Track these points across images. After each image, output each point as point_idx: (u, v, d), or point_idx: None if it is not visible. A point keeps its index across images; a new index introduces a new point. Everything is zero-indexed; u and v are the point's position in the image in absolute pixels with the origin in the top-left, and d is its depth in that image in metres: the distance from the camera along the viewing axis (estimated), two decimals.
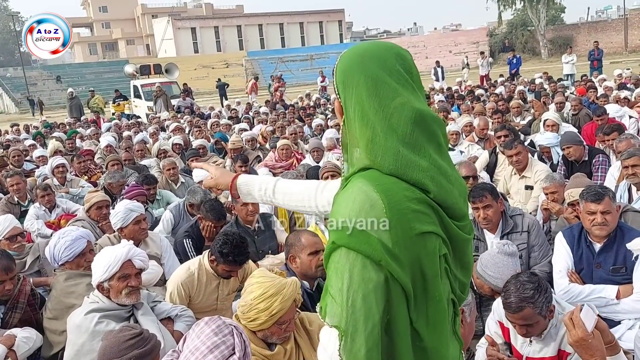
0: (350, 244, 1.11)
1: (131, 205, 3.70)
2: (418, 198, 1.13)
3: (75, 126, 14.04)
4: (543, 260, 3.36)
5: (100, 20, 60.02)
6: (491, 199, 3.37)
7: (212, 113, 14.93)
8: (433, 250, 1.15)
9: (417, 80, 1.23)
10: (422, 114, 1.16)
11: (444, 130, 1.23)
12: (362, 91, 1.18)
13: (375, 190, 1.12)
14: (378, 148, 1.15)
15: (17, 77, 36.37)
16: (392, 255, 1.10)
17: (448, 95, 13.41)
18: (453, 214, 1.19)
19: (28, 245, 4.04)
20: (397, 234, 1.10)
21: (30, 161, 8.24)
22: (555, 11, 43.85)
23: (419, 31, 75.98)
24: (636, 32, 36.35)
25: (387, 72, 1.18)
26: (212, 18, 52.77)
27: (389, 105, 1.15)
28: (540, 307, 2.21)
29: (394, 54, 1.22)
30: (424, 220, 1.13)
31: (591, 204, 2.88)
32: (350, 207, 1.13)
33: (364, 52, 1.22)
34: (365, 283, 1.10)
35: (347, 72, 1.21)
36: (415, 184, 1.14)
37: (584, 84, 12.09)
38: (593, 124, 6.81)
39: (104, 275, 2.53)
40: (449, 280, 1.23)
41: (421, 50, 42.34)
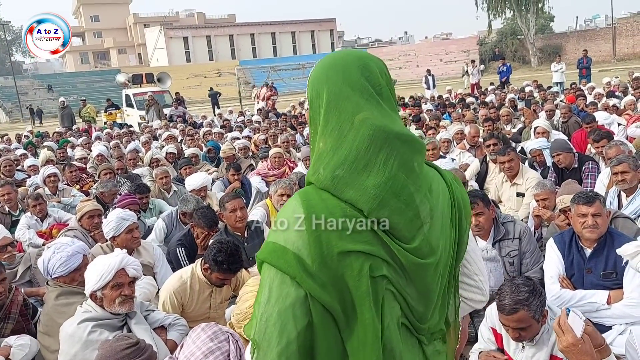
0: (267, 259, 1.10)
1: (123, 214, 3.69)
2: (348, 215, 1.09)
3: (67, 135, 13.98)
4: (535, 267, 3.38)
5: (92, 30, 59.91)
6: (483, 206, 3.40)
7: (204, 122, 14.93)
8: (359, 271, 1.08)
9: (387, 94, 1.17)
10: (384, 130, 1.11)
11: (417, 147, 1.16)
12: (324, 105, 1.15)
13: (301, 206, 1.10)
14: (321, 163, 1.13)
15: (8, 86, 36.22)
16: (310, 274, 1.07)
17: (439, 104, 13.49)
18: (399, 235, 1.12)
19: (19, 255, 4.01)
20: (316, 251, 1.07)
21: (21, 170, 8.19)
22: (544, 20, 44.41)
23: (410, 40, 76.57)
24: (624, 40, 36.85)
25: (350, 86, 1.14)
26: (204, 27, 52.86)
27: (348, 120, 1.12)
28: (534, 310, 2.23)
29: (360, 66, 1.16)
30: (349, 239, 1.08)
31: (582, 207, 2.91)
32: (277, 223, 1.13)
33: (329, 64, 1.18)
34: (282, 299, 1.08)
35: (314, 84, 1.19)
36: (349, 202, 1.09)
37: (574, 92, 12.22)
38: (582, 132, 6.88)
39: (97, 284, 2.52)
40: (399, 304, 1.16)
41: (412, 59, 42.70)
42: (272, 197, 4.81)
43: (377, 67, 1.18)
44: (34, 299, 3.71)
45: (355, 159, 1.10)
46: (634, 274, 2.71)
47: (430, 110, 11.78)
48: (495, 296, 2.33)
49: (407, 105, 13.93)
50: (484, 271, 1.38)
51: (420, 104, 13.71)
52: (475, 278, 1.36)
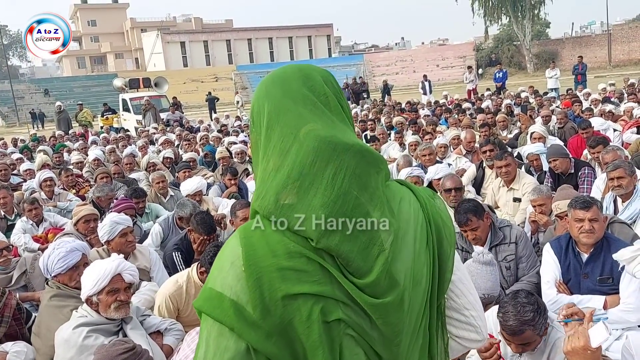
0: (203, 308, 0.97)
1: (117, 218, 3.69)
2: (291, 251, 0.95)
3: (63, 140, 13.96)
4: (531, 271, 3.38)
5: (89, 34, 59.96)
6: (476, 220, 3.34)
7: (201, 126, 14.94)
8: (309, 316, 0.94)
9: (335, 104, 1.05)
10: (332, 141, 0.98)
11: (372, 160, 1.02)
12: (265, 122, 1.03)
13: (239, 244, 0.98)
14: (263, 187, 1.00)
15: (4, 90, 36.18)
16: (251, 323, 0.93)
17: (435, 109, 13.54)
18: (352, 267, 0.96)
19: (14, 260, 3.99)
20: (257, 297, 0.93)
21: (17, 175, 8.17)
22: (540, 26, 44.71)
23: (406, 45, 76.95)
24: (619, 47, 37.09)
25: (290, 98, 1.03)
26: (202, 32, 52.98)
27: (291, 134, 0.99)
28: (539, 328, 2.22)
29: (300, 77, 1.05)
30: (294, 279, 0.94)
31: (579, 212, 2.92)
32: (214, 265, 1.00)
33: (269, 79, 1.08)
34: (220, 354, 0.94)
35: (254, 103, 1.08)
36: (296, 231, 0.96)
37: (569, 98, 12.29)
38: (578, 137, 6.92)
39: (93, 289, 2.51)
40: (363, 349, 1.00)
41: (409, 65, 42.85)
42: None
43: (321, 76, 1.08)
44: (28, 303, 3.69)
45: (299, 175, 0.96)
46: (630, 279, 2.71)
47: (427, 116, 11.82)
48: (498, 314, 2.31)
49: (404, 110, 13.98)
50: (479, 305, 1.18)
51: (417, 109, 13.76)
52: (465, 313, 1.16)
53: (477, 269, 2.68)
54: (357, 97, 21.94)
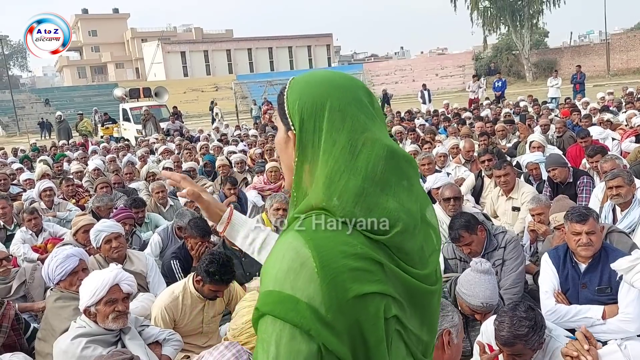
0: (275, 312, 0.96)
1: (101, 225, 3.79)
2: (358, 254, 0.98)
3: (64, 149, 13.98)
4: (510, 274, 3.35)
5: (89, 44, 60.23)
6: (468, 235, 3.33)
7: (201, 136, 14.97)
8: (376, 314, 0.99)
9: (381, 117, 1.13)
10: (394, 151, 1.06)
11: (416, 170, 1.13)
12: (326, 124, 1.05)
13: (306, 246, 0.97)
14: (336, 188, 1.01)
15: (5, 100, 36.25)
16: (325, 324, 0.95)
17: (433, 118, 13.57)
18: (412, 261, 1.05)
19: (14, 270, 3.99)
20: (330, 297, 0.95)
21: (17, 185, 8.18)
22: (539, 35, 44.88)
23: (405, 55, 77.30)
24: (618, 56, 37.23)
25: (356, 105, 1.07)
26: (202, 42, 53.21)
27: (358, 140, 1.03)
28: (532, 343, 2.22)
29: (361, 87, 1.11)
30: (364, 280, 0.98)
31: (576, 225, 2.92)
32: (277, 267, 0.99)
33: (328, 80, 1.09)
34: (294, 356, 0.95)
35: (310, 101, 1.07)
36: (372, 229, 1.00)
37: (568, 107, 12.32)
38: (577, 146, 6.94)
39: (91, 300, 2.51)
40: (405, 344, 1.07)
41: (408, 74, 42.99)
42: (268, 211, 4.81)
43: (369, 90, 1.15)
44: (27, 314, 3.69)
45: (372, 180, 1.02)
46: (628, 288, 2.71)
47: (422, 125, 11.85)
48: (495, 321, 2.32)
49: (403, 119, 14.01)
50: None
51: (415, 118, 13.80)
52: None
53: (475, 278, 2.68)
54: None
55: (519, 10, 37.38)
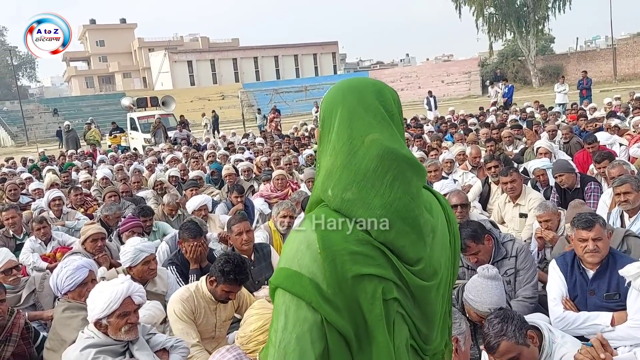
0: (283, 285, 1.10)
1: (141, 245, 3.56)
2: (360, 239, 1.10)
3: (72, 159, 14.08)
4: (526, 285, 3.34)
5: (97, 54, 60.76)
6: (475, 245, 3.32)
7: (208, 144, 15.04)
8: (373, 294, 1.10)
9: (397, 121, 1.21)
10: (393, 152, 1.14)
11: (421, 173, 1.19)
12: (337, 122, 1.17)
13: (314, 230, 1.11)
14: (331, 181, 1.14)
15: (14, 110, 36.59)
16: (325, 299, 1.08)
17: (440, 124, 13.56)
18: (404, 258, 1.14)
19: (23, 279, 4.03)
20: (331, 275, 1.08)
21: (26, 194, 8.25)
22: (544, 41, 44.82)
23: (411, 62, 77.35)
24: (624, 61, 37.08)
25: (363, 107, 1.17)
26: (208, 51, 53.51)
27: (359, 138, 1.14)
28: (513, 335, 2.21)
29: (375, 91, 1.20)
30: (363, 262, 1.09)
31: (582, 231, 2.91)
32: (289, 247, 1.14)
33: (346, 86, 1.22)
34: (300, 324, 1.08)
35: (329, 102, 1.21)
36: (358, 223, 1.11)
37: (575, 112, 12.28)
38: (584, 152, 6.91)
39: (103, 312, 2.50)
40: (407, 326, 1.18)
41: (414, 81, 43.01)
42: (274, 219, 4.82)
43: (390, 94, 1.23)
44: (37, 322, 3.71)
45: (363, 177, 1.12)
46: (637, 295, 2.70)
47: (431, 132, 11.84)
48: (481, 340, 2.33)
49: (409, 126, 14.01)
50: None
51: (422, 124, 13.80)
52: None
53: (483, 284, 2.68)
54: None
55: (525, 17, 37.38)
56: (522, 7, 37.48)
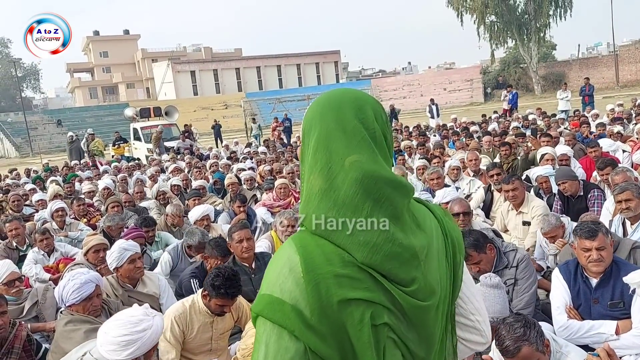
0: (263, 313, 1.05)
1: (125, 244, 3.74)
2: (345, 261, 1.04)
3: (75, 169, 14.13)
4: (523, 295, 3.32)
5: (101, 65, 61.14)
6: (477, 254, 3.30)
7: (210, 154, 15.08)
8: (361, 320, 1.03)
9: (380, 140, 1.12)
10: (374, 175, 1.07)
11: (406, 192, 1.12)
12: (314, 143, 1.11)
13: (297, 252, 1.06)
14: (310, 206, 1.09)
15: (18, 121, 36.79)
16: (309, 326, 1.02)
17: (442, 132, 13.56)
18: (396, 279, 1.07)
19: (26, 291, 4.03)
20: (315, 301, 1.01)
21: (29, 205, 8.27)
22: (546, 49, 44.87)
23: (413, 70, 77.47)
24: (627, 67, 37.09)
25: (342, 127, 1.09)
26: (211, 61, 53.77)
27: (338, 162, 1.07)
28: (535, 342, 2.21)
29: (355, 108, 1.12)
30: (349, 286, 1.03)
31: (585, 241, 2.88)
32: (271, 271, 1.08)
33: (324, 102, 1.15)
34: (281, 354, 1.02)
35: (307, 121, 1.15)
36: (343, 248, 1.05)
37: (577, 119, 12.27)
38: (587, 159, 6.89)
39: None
40: (400, 351, 1.10)
41: (416, 89, 43.08)
42: (277, 228, 4.82)
43: (373, 110, 1.14)
44: (39, 334, 3.71)
45: (343, 204, 1.06)
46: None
47: (438, 141, 11.83)
48: (495, 342, 2.31)
49: (412, 134, 14.02)
50: (483, 310, 1.31)
51: (425, 133, 13.80)
52: (471, 317, 1.28)
53: (485, 293, 2.67)
54: None
55: (526, 24, 37.48)
56: (523, 14, 37.59)
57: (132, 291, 3.70)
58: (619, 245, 3.29)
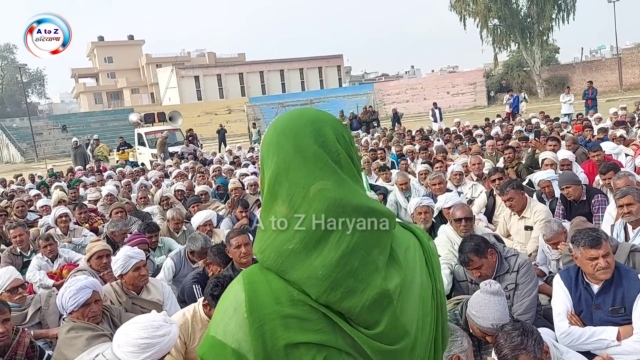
0: (205, 356, 0.98)
1: (130, 252, 3.73)
2: (296, 300, 0.95)
3: (79, 175, 14.17)
4: (523, 300, 3.31)
5: (105, 71, 61.48)
6: (478, 259, 3.31)
7: (214, 159, 15.11)
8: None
9: (345, 162, 1.03)
10: (342, 204, 0.97)
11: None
12: (274, 174, 1.01)
13: (243, 290, 0.97)
14: (267, 240, 0.99)
15: (23, 127, 37.01)
16: None
17: (445, 136, 13.55)
18: (358, 320, 0.96)
19: (29, 297, 4.04)
20: (259, 345, 0.93)
21: (34, 211, 8.31)
22: (549, 52, 44.83)
23: (416, 74, 77.48)
24: (630, 70, 37.02)
25: (301, 154, 1.00)
26: (215, 66, 53.97)
27: (300, 192, 0.98)
28: (533, 350, 2.20)
29: (312, 132, 1.02)
30: (297, 328, 0.93)
31: (591, 250, 2.86)
32: (218, 309, 1.01)
33: (280, 128, 1.04)
34: None
35: (265, 149, 1.05)
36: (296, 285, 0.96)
37: (580, 122, 12.25)
38: (590, 163, 6.87)
39: None
40: None
41: (419, 92, 43.10)
42: None
43: (333, 131, 1.04)
44: (42, 341, 3.72)
45: (305, 235, 0.96)
46: None
47: (440, 146, 11.83)
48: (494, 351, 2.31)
49: (414, 138, 14.03)
50: None
51: (428, 137, 13.79)
52: None
53: (485, 300, 2.67)
54: (368, 126, 22.11)
55: (529, 28, 37.46)
56: (525, 18, 37.59)
57: (136, 298, 3.70)
58: (617, 249, 3.29)
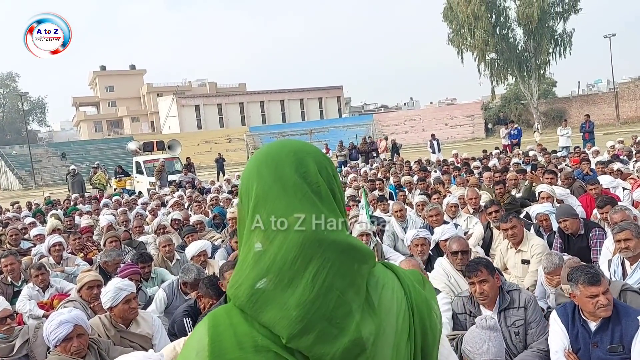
0: None
1: (121, 284, 3.67)
2: (259, 346, 0.90)
3: (76, 202, 14.13)
4: (540, 337, 3.29)
5: (106, 99, 62.06)
6: (487, 274, 3.34)
7: (212, 187, 15.09)
8: None
9: (326, 194, 0.99)
10: (318, 238, 0.94)
11: (359, 257, 0.98)
12: (252, 204, 0.98)
13: (207, 333, 0.93)
14: (241, 276, 0.96)
15: (23, 154, 37.15)
16: None
17: (443, 167, 13.58)
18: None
19: (17, 328, 3.97)
20: None
21: (27, 239, 8.24)
22: (547, 85, 45.37)
23: (415, 105, 78.16)
24: (627, 104, 37.43)
25: (281, 184, 0.97)
26: (216, 96, 54.51)
27: (276, 223, 0.94)
28: None
29: (294, 162, 0.99)
30: None
31: (591, 287, 2.83)
32: (181, 353, 0.97)
33: (262, 158, 1.02)
34: None
35: (245, 180, 1.02)
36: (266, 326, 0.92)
37: (578, 156, 12.30)
38: (588, 196, 6.86)
39: None
40: None
41: (418, 124, 43.49)
42: None
43: (315, 162, 1.01)
44: None
45: (279, 271, 0.92)
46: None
47: (438, 178, 11.83)
48: None
49: (412, 168, 14.06)
50: None
51: (426, 168, 13.82)
52: None
53: (480, 335, 2.62)
54: (367, 156, 22.22)
55: (526, 62, 37.98)
56: (523, 52, 38.13)
57: (125, 332, 3.62)
58: None
